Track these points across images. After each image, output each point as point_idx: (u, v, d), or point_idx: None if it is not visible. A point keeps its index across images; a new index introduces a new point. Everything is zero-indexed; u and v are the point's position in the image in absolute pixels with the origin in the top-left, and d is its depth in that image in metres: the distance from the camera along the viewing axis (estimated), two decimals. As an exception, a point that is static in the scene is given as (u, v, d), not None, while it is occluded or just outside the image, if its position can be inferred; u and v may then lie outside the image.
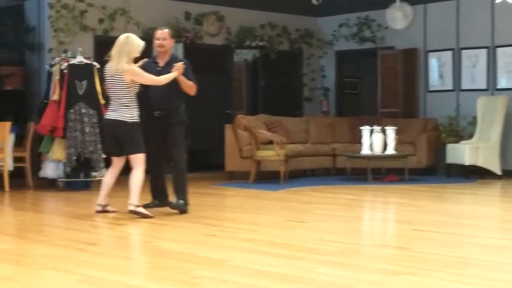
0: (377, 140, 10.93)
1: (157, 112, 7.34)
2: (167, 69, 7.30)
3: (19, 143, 10.01)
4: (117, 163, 7.27)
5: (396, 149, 10.99)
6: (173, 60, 7.48)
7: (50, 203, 8.93)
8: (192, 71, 7.51)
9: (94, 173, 9.72)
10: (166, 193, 7.61)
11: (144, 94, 7.27)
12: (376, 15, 13.40)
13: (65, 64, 9.63)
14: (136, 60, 7.22)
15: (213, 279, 4.43)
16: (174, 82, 7.26)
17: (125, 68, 6.97)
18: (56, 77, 9.67)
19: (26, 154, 9.96)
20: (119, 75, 6.98)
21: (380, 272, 4.64)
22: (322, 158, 11.88)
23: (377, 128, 11.03)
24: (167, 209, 7.40)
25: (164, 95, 7.31)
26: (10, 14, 11.55)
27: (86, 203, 8.48)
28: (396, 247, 5.76)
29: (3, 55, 11.41)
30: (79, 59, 9.72)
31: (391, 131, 10.93)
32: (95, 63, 9.79)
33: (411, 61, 12.92)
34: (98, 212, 7.25)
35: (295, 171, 11.40)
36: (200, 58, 12.92)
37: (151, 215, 6.98)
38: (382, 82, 13.11)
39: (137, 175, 7.02)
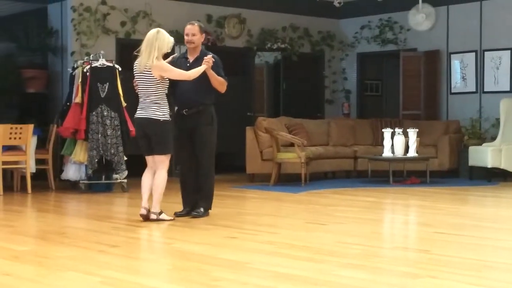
0: (398, 142, 10.89)
1: (186, 110, 7.07)
2: (197, 64, 7.03)
3: (41, 145, 10.10)
4: (152, 162, 7.00)
5: (417, 152, 10.94)
6: (203, 55, 7.15)
7: (72, 205, 8.99)
8: (223, 68, 7.23)
9: (115, 175, 9.78)
10: (196, 199, 7.26)
11: (171, 92, 7.01)
12: (399, 17, 13.35)
13: (88, 67, 9.69)
14: (165, 57, 6.95)
15: (233, 281, 4.43)
16: (205, 78, 6.97)
17: (153, 64, 6.74)
18: (78, 80, 9.74)
19: (49, 156, 10.04)
20: (148, 71, 6.77)
21: (401, 275, 4.62)
22: (343, 161, 11.86)
23: (398, 130, 10.98)
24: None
25: (194, 92, 7.02)
26: (33, 18, 11.65)
27: (107, 205, 8.53)
28: (417, 250, 5.73)
29: (27, 58, 11.52)
30: (101, 62, 9.78)
31: (412, 133, 10.89)
32: (117, 66, 9.85)
33: (433, 63, 12.86)
34: (142, 216, 6.83)
35: (316, 173, 11.39)
36: (222, 60, 12.94)
37: (173, 218, 6.98)
38: (404, 84, 13.05)
39: (162, 178, 6.85)
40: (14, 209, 8.37)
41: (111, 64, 9.85)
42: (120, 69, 9.78)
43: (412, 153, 10.89)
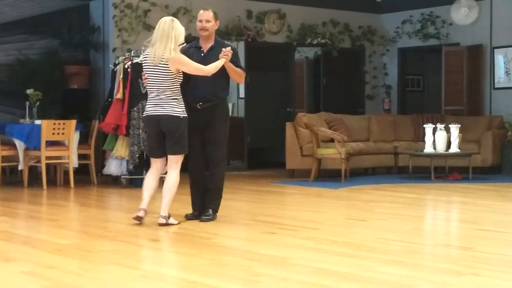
0: (440, 138, 10.76)
1: (200, 103, 6.51)
2: (211, 55, 6.49)
3: (84, 140, 10.22)
4: (161, 164, 6.50)
5: (460, 148, 10.80)
6: (217, 45, 6.60)
7: (114, 200, 9.08)
8: (238, 59, 6.72)
9: (156, 170, 9.83)
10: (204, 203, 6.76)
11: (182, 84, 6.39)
12: (441, 11, 13.20)
13: (129, 63, 9.76)
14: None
15: (273, 276, 4.43)
16: (220, 70, 6.40)
17: (171, 56, 6.17)
18: (120, 76, 9.82)
19: (91, 152, 10.16)
20: (165, 64, 6.19)
21: (443, 272, 4.57)
22: (383, 156, 11.77)
23: (440, 126, 10.86)
24: (227, 205, 7.41)
25: (209, 84, 6.45)
26: (76, 14, 11.79)
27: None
28: (459, 247, 5.67)
29: (69, 55, 11.66)
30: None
31: (455, 129, 10.75)
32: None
33: (476, 58, 12.68)
34: (139, 218, 6.40)
35: (356, 169, 11.33)
36: (262, 56, 12.99)
37: (178, 222, 6.46)
38: (446, 79, 12.91)
39: (175, 179, 6.34)
40: (57, 203, 8.49)
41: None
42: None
43: (454, 149, 10.76)
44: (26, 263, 4.88)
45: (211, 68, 6.34)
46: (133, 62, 9.77)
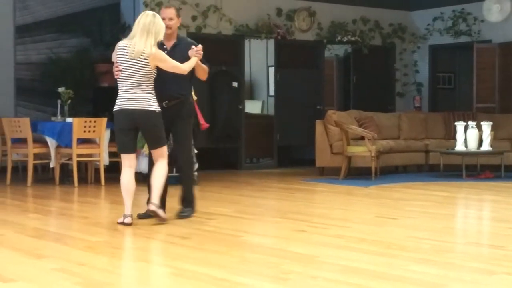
0: (471, 136, 10.66)
1: (166, 102, 6.42)
2: (174, 52, 6.39)
3: (114, 138, 10.26)
4: (134, 160, 6.40)
5: (491, 145, 10.68)
6: (181, 42, 6.57)
7: (144, 197, 9.09)
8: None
9: (186, 168, 9.86)
10: (165, 200, 6.66)
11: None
12: (472, 7, 13.07)
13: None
14: None
15: (302, 274, 4.43)
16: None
17: (153, 52, 6.08)
18: (150, 74, 9.85)
19: (122, 149, 10.21)
20: (145, 59, 6.08)
21: (474, 271, 4.53)
22: (414, 154, 11.69)
23: (472, 123, 10.75)
24: (256, 203, 7.42)
25: (174, 82, 6.38)
26: (107, 13, 11.88)
27: (177, 198, 8.62)
28: (491, 246, 5.61)
29: (100, 53, 11.74)
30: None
31: (486, 126, 10.64)
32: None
33: (508, 55, 12.53)
34: (128, 224, 6.23)
35: (386, 167, 11.27)
36: (292, 54, 12.97)
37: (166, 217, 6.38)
38: (478, 77, 12.78)
39: (166, 169, 6.32)
40: (88, 200, 8.57)
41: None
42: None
43: (486, 147, 10.65)
44: (57, 260, 4.92)
45: (187, 67, 6.30)
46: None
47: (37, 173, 10.37)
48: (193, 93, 9.71)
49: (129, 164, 6.32)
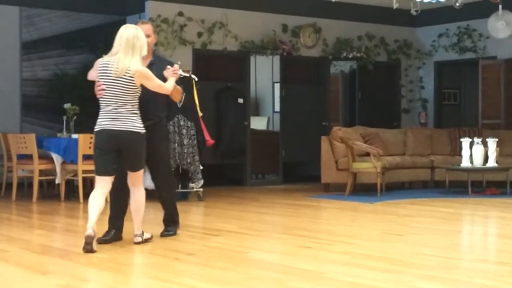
0: (477, 152, 10.64)
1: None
2: (151, 70, 6.02)
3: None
4: (109, 183, 5.89)
5: (497, 162, 10.66)
6: (156, 60, 6.39)
7: (149, 213, 9.08)
8: None
9: (191, 185, 9.88)
10: (123, 222, 6.37)
11: None
12: (477, 24, 13.10)
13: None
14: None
15: (307, 291, 4.41)
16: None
17: (139, 69, 5.79)
18: (155, 90, 9.88)
19: (127, 165, 10.22)
20: (130, 76, 5.76)
21: (480, 288, 4.51)
22: (420, 171, 11.67)
23: (477, 139, 10.73)
24: (262, 219, 7.41)
25: (150, 103, 6.08)
26: (113, 29, 11.86)
27: (183, 214, 8.58)
28: (497, 262, 5.58)
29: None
30: (179, 72, 9.88)
31: (492, 143, 10.62)
32: (193, 76, 9.96)
33: (514, 71, 12.55)
34: (90, 237, 5.71)
35: (392, 183, 11.25)
36: (297, 70, 13.01)
37: (151, 235, 6.30)
38: (483, 93, 12.79)
39: (143, 195, 6.08)
40: (93, 216, 8.54)
41: (187, 75, 9.95)
42: (196, 79, 9.89)
43: (491, 163, 10.63)
44: (62, 276, 4.92)
45: (169, 86, 6.06)
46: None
47: (43, 189, 10.38)
48: (198, 109, 9.82)
49: (102, 186, 5.84)
